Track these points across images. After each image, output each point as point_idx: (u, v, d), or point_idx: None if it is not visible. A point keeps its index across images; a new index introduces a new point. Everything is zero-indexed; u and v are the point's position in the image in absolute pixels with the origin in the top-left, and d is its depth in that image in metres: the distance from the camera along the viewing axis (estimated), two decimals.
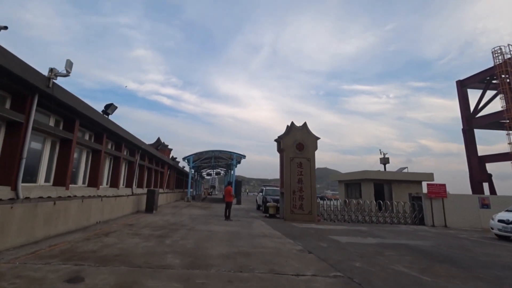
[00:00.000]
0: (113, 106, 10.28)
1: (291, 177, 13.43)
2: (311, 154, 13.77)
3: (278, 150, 14.86)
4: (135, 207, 13.18)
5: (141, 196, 14.18)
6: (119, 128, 11.17)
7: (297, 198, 13.24)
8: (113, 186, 12.13)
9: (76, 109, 7.65)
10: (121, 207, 11.05)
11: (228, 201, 12.53)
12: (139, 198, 13.70)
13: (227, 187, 13.46)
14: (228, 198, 12.60)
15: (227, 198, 12.62)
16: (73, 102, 7.40)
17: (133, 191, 14.34)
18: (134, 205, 13.02)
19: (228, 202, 12.48)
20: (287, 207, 13.14)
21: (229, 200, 12.53)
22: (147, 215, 12.07)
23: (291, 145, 13.76)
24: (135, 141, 13.61)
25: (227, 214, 12.17)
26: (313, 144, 13.89)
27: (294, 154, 13.70)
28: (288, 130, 14.04)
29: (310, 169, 13.60)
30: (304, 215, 13.09)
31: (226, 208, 12.33)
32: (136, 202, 13.31)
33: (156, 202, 13.26)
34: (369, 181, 18.63)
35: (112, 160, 12.38)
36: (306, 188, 13.38)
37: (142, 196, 14.25)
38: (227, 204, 12.47)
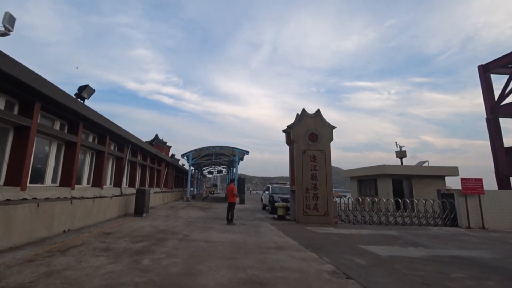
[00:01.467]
0: (89, 89, 8.40)
1: (304, 173, 11.51)
2: (326, 146, 11.84)
3: (287, 142, 12.93)
4: (123, 209, 11.33)
5: (131, 197, 12.32)
6: (100, 117, 9.30)
7: (310, 197, 11.33)
8: (95, 185, 10.29)
9: (33, 87, 5.78)
10: (102, 211, 9.20)
11: (231, 201, 10.60)
12: (128, 199, 11.84)
13: (229, 185, 11.50)
14: (231, 198, 10.67)
15: (230, 198, 10.69)
16: (28, 78, 5.52)
17: (122, 191, 12.49)
18: (122, 207, 11.16)
19: (231, 203, 10.56)
20: (300, 208, 11.23)
21: (232, 201, 10.61)
22: (135, 219, 10.21)
23: (302, 136, 11.83)
24: (123, 134, 11.74)
25: (229, 217, 10.28)
26: (328, 134, 11.95)
27: (307, 146, 11.77)
28: (299, 118, 12.11)
29: (325, 163, 11.67)
30: (320, 217, 11.18)
31: (229, 209, 10.44)
32: (124, 204, 11.46)
33: (147, 203, 11.39)
34: (386, 176, 16.68)
35: (95, 155, 10.53)
36: (321, 185, 11.46)
37: (133, 196, 12.41)
38: (229, 205, 10.56)
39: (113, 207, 10.15)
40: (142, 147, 15.04)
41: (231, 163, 29.40)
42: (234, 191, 10.77)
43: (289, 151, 12.79)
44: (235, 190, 10.83)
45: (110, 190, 11.36)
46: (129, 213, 11.53)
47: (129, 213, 11.53)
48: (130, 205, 11.99)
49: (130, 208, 11.90)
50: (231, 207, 10.47)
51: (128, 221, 9.38)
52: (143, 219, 10.13)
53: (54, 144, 7.99)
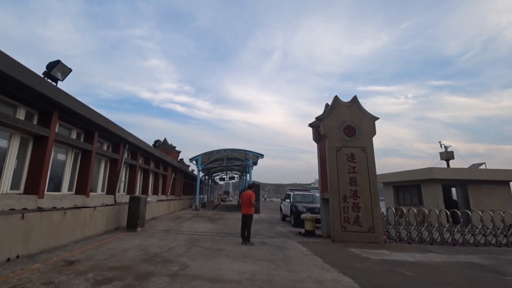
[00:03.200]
0: (62, 65, 6.43)
1: (340, 176, 9.03)
2: (367, 142, 9.33)
3: (315, 138, 10.52)
4: (114, 222, 9.21)
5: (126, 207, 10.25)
6: (84, 108, 7.33)
7: (350, 208, 8.81)
8: (80, 192, 8.28)
9: None
10: (79, 226, 7.09)
11: (246, 213, 8.13)
12: (121, 209, 9.74)
13: (245, 192, 8.53)
14: (248, 208, 8.17)
15: (246, 209, 8.17)
16: None
17: (117, 199, 10.46)
18: (112, 220, 9.05)
19: (247, 215, 8.10)
20: (336, 222, 8.72)
21: (249, 213, 8.15)
22: (124, 236, 8.06)
23: (336, 129, 9.40)
24: (117, 131, 9.77)
25: (245, 233, 7.92)
26: (369, 127, 9.46)
27: (342, 142, 9.31)
28: (330, 108, 9.70)
29: (367, 164, 9.15)
30: (363, 234, 8.60)
31: (244, 225, 7.99)
32: (115, 215, 9.35)
33: (142, 214, 9.24)
34: (434, 182, 13.82)
35: (79, 156, 8.57)
36: (363, 192, 8.92)
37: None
38: (245, 218, 8.07)
39: (97, 220, 8.04)
40: (142, 149, 13.07)
41: (244, 168, 27.13)
42: (252, 200, 8.31)
43: (318, 149, 10.37)
44: (253, 199, 8.36)
45: (100, 198, 9.34)
46: (122, 227, 9.41)
47: (122, 227, 9.41)
48: (124, 217, 9.89)
49: (124, 220, 9.80)
50: (247, 221, 8.04)
51: (113, 239, 7.21)
52: (134, 236, 7.94)
53: (15, 140, 6.01)
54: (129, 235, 8.08)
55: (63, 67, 6.41)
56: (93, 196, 8.93)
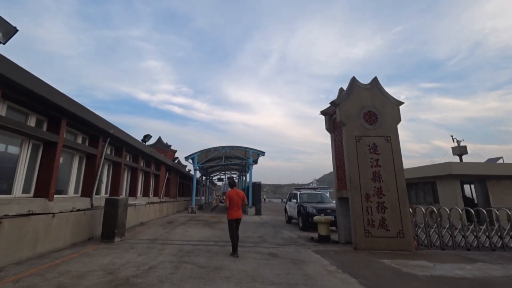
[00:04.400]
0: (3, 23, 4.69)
1: (361, 171, 7.41)
2: (392, 130, 7.74)
3: (328, 127, 8.88)
4: (85, 231, 7.41)
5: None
6: (47, 88, 5.63)
7: (374, 208, 7.18)
8: (40, 195, 6.50)
9: None
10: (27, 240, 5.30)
11: (233, 218, 6.21)
12: (94, 214, 7.97)
13: (233, 191, 6.48)
14: (234, 212, 6.25)
15: (239, 212, 6.31)
16: None
17: (95, 202, 8.68)
18: (81, 229, 7.26)
19: (234, 220, 6.23)
20: (358, 225, 7.07)
21: (235, 217, 6.23)
22: (95, 249, 6.32)
23: (355, 115, 7.79)
24: (94, 120, 8.04)
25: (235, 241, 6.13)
26: (393, 113, 7.87)
27: (362, 131, 7.69)
28: (347, 91, 8.08)
29: (392, 155, 7.54)
30: (391, 240, 6.98)
31: (232, 232, 6.19)
32: (88, 223, 7.55)
33: (121, 220, 7.49)
34: (452, 178, 12.31)
35: (40, 149, 6.81)
36: (389, 189, 7.31)
37: None
38: (237, 223, 6.30)
39: (58, 230, 6.25)
40: (129, 144, 11.30)
41: (244, 168, 25.42)
42: (245, 200, 6.48)
43: (332, 140, 8.74)
44: (243, 199, 6.46)
45: (71, 201, 7.57)
46: (97, 237, 7.63)
47: (97, 237, 7.63)
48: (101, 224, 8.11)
49: (100, 229, 8.01)
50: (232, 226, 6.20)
51: (76, 256, 5.45)
52: (108, 250, 6.18)
53: None
54: (101, 248, 6.32)
55: (6, 25, 4.68)
56: (61, 200, 7.17)
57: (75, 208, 7.36)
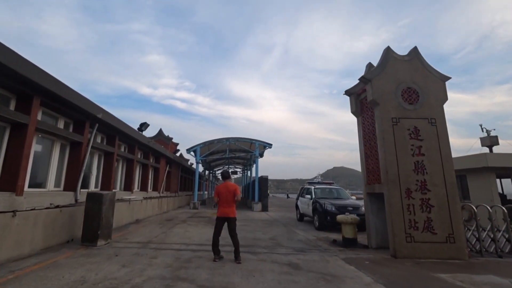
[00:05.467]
0: None
1: (399, 160, 5.95)
2: (437, 111, 6.24)
3: (355, 110, 7.37)
4: (62, 233, 6.01)
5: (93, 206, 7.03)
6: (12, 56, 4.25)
7: (417, 207, 5.74)
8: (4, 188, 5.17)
9: None
10: None
11: (228, 216, 5.15)
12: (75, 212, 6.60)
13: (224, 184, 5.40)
14: (229, 209, 5.20)
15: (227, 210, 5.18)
16: None
17: (79, 197, 7.35)
18: (57, 230, 5.86)
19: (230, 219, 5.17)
20: (398, 228, 5.64)
21: (232, 215, 5.18)
22: (69, 257, 4.97)
23: (391, 93, 6.29)
24: (76, 100, 6.66)
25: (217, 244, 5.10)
26: (437, 90, 6.36)
27: (400, 111, 6.21)
28: (381, 64, 6.56)
29: (438, 142, 6.07)
30: (438, 246, 5.55)
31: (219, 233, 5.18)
32: (67, 222, 6.14)
33: (106, 220, 6.10)
34: (487, 171, 10.81)
35: (7, 132, 5.46)
36: (436, 183, 5.86)
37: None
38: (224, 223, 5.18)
39: (21, 233, 4.87)
40: (122, 132, 9.93)
41: (248, 161, 24.04)
42: (237, 195, 5.21)
43: (360, 124, 7.26)
44: (238, 193, 5.25)
45: (51, 196, 6.22)
46: (78, 238, 6.26)
47: (78, 238, 6.26)
48: None
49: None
50: (230, 227, 5.17)
51: (39, 268, 4.10)
52: (84, 258, 4.82)
53: None
54: (77, 255, 4.97)
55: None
56: (36, 194, 5.82)
57: (53, 205, 6.02)
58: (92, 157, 9.19)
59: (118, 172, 11.53)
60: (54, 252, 5.20)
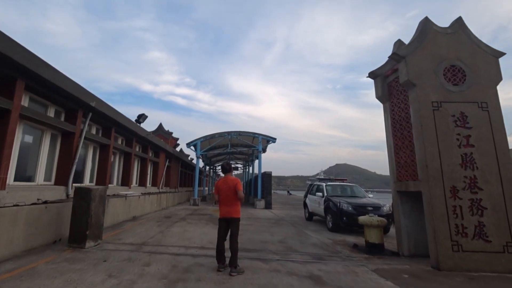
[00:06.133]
0: None
1: (442, 153, 4.85)
2: (489, 93, 5.12)
3: (381, 94, 6.22)
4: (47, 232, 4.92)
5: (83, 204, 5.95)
6: None
7: (465, 208, 4.65)
8: None
9: None
10: None
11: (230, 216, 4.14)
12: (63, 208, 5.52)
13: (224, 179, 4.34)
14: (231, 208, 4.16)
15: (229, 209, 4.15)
16: None
17: (70, 192, 6.32)
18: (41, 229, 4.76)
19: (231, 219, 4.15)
20: (442, 234, 4.56)
21: (234, 215, 4.15)
22: (49, 261, 3.92)
23: (430, 72, 5.17)
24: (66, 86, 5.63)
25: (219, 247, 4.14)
26: (488, 68, 5.23)
27: (443, 94, 5.09)
28: (418, 38, 5.41)
29: (491, 131, 4.96)
30: (493, 257, 4.47)
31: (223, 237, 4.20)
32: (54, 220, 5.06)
33: (96, 219, 5.02)
34: None
35: None
36: (489, 180, 4.76)
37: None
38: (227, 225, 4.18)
39: None
40: (119, 123, 8.88)
41: (250, 156, 22.96)
42: (239, 191, 4.12)
43: (387, 112, 6.13)
44: (240, 188, 4.16)
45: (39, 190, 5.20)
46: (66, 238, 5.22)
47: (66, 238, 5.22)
48: None
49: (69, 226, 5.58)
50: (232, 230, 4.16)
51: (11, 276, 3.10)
52: (68, 264, 3.78)
53: None
54: (60, 260, 3.95)
55: None
56: (22, 188, 4.83)
57: (40, 200, 5.00)
58: (86, 150, 8.18)
59: (114, 166, 10.50)
60: (36, 254, 4.20)
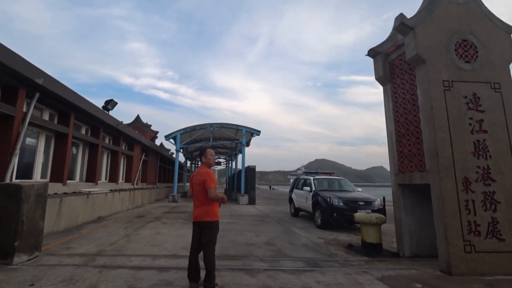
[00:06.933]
0: None
1: (454, 139, 4.16)
2: (502, 73, 4.48)
3: (382, 74, 5.44)
4: None
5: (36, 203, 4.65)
6: None
7: (477, 203, 4.00)
8: None
9: None
10: None
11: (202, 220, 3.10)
12: None
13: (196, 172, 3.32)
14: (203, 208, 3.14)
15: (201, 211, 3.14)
16: None
17: None
18: None
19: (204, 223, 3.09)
20: (453, 232, 3.88)
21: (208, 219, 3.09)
22: None
23: (441, 46, 4.43)
24: (3, 58, 4.21)
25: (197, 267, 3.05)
26: (501, 45, 4.58)
27: (454, 73, 4.38)
28: (427, 9, 4.62)
29: (504, 115, 4.33)
30: (507, 257, 3.87)
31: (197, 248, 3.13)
32: None
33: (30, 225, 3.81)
34: None
35: None
36: (502, 170, 4.13)
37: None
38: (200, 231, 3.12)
39: None
40: (79, 108, 7.48)
41: (233, 151, 21.91)
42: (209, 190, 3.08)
43: (388, 94, 5.37)
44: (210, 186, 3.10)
45: None
46: None
47: None
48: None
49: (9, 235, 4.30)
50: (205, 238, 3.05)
51: None
52: None
53: None
54: None
55: None
56: None
57: None
58: (37, 139, 6.75)
59: (77, 160, 9.05)
60: None
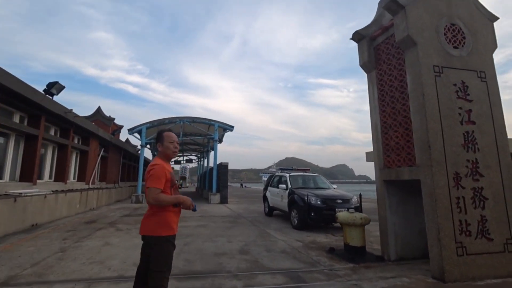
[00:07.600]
0: None
1: (445, 130, 3.75)
2: (487, 61, 4.20)
3: (367, 60, 4.91)
4: None
5: None
6: None
7: (468, 200, 3.64)
8: None
9: None
10: None
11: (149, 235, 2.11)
12: None
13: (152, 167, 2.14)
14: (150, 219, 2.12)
15: (142, 222, 2.17)
16: None
17: None
18: None
19: (151, 239, 2.10)
20: (446, 234, 3.46)
21: (146, 233, 2.12)
22: None
23: (432, 29, 3.99)
24: None
25: None
26: (485, 33, 4.30)
27: (444, 58, 3.97)
28: None
29: (490, 106, 4.05)
30: (495, 258, 3.55)
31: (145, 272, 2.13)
32: None
33: None
34: None
35: None
36: (489, 164, 3.83)
37: None
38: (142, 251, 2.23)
39: None
40: (9, 89, 5.91)
41: (205, 147, 20.68)
42: (147, 188, 2.06)
43: (373, 82, 4.87)
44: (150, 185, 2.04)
45: None
46: None
47: None
48: None
49: None
50: (152, 264, 2.07)
51: None
52: None
53: None
54: None
55: None
56: None
57: None
58: None
59: (7, 154, 7.35)
60: None
